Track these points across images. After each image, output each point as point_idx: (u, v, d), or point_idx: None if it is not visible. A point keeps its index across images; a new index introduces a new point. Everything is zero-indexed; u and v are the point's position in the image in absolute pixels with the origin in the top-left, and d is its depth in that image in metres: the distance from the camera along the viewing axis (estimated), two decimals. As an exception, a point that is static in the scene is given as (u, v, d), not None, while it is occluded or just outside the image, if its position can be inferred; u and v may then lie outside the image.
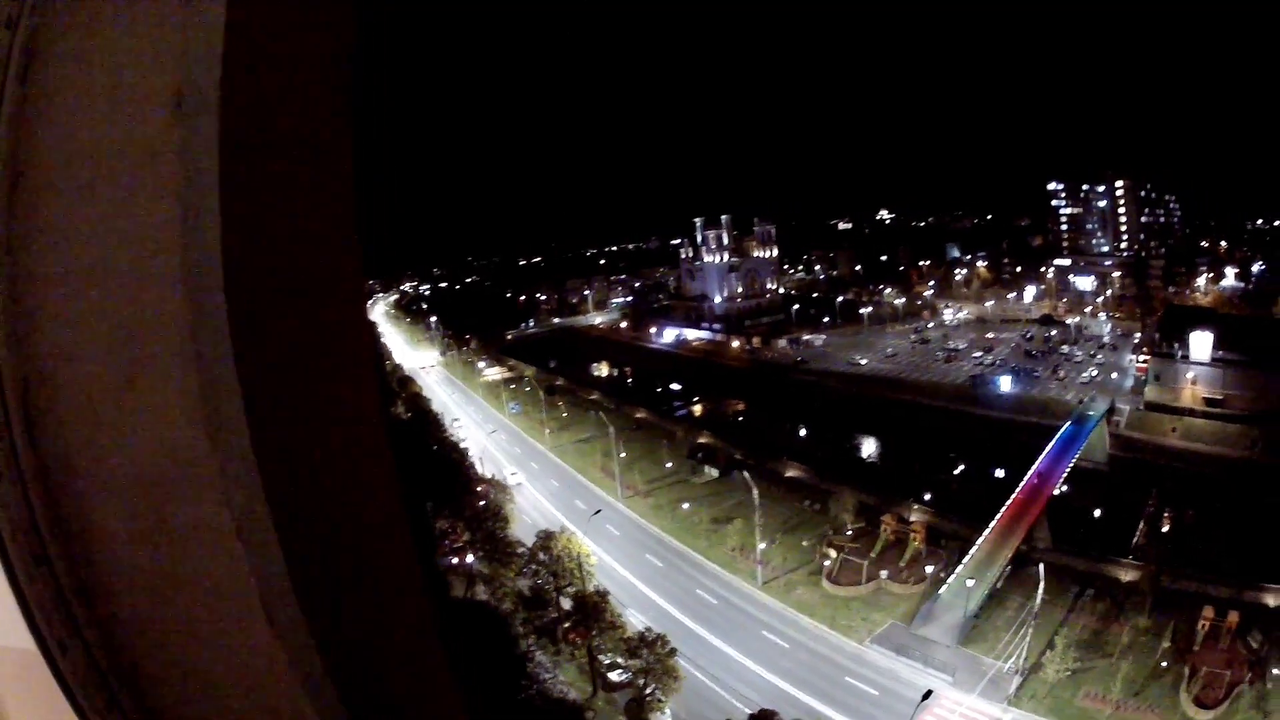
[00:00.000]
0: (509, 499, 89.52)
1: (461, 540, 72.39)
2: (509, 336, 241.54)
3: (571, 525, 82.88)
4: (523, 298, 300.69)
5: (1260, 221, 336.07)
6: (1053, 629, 67.15)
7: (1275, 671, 61.16)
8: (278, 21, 2.58)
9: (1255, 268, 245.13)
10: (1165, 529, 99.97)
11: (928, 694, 51.95)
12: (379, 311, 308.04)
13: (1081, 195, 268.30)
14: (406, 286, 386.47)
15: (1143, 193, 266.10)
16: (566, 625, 60.45)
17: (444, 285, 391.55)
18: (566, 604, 63.80)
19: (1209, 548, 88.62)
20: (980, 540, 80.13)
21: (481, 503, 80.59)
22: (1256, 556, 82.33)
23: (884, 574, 77.75)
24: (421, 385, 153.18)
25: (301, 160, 2.74)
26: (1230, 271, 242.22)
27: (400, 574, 3.19)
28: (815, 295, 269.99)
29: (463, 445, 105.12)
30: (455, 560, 71.74)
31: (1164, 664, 63.42)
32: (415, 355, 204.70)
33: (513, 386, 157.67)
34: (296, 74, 2.68)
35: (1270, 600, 72.31)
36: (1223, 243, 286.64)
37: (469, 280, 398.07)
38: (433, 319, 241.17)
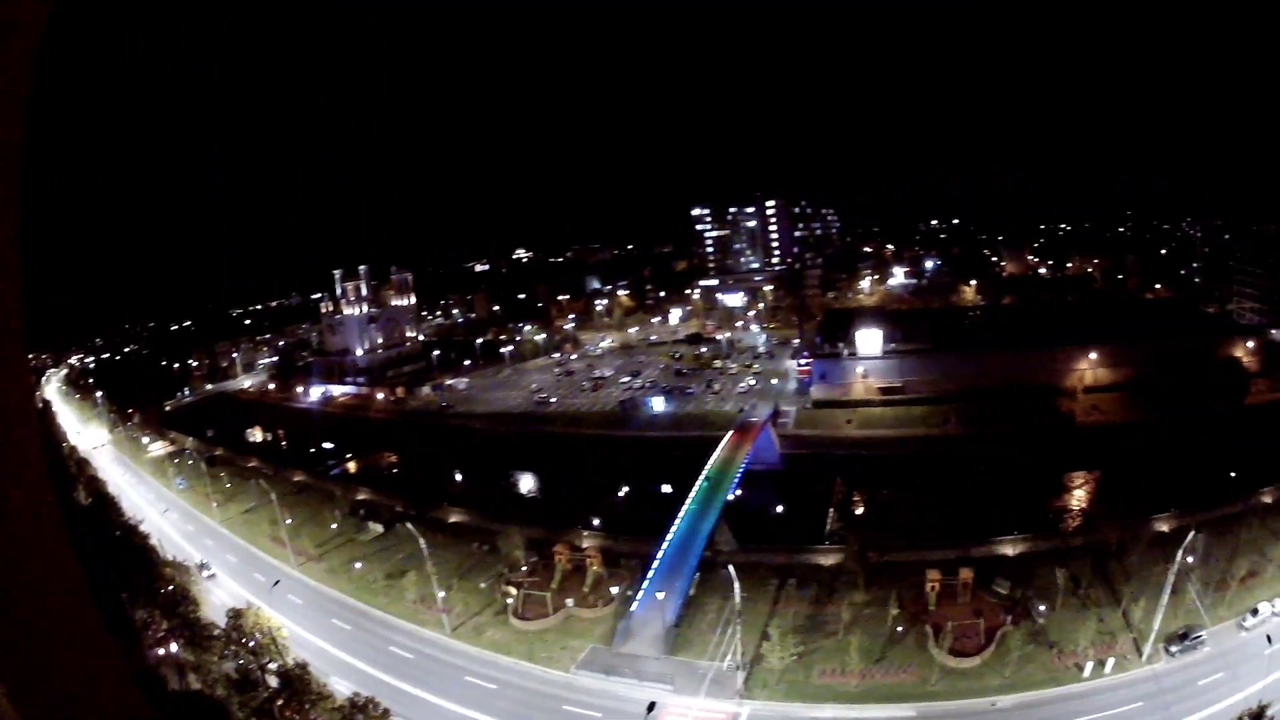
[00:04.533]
0: (194, 580, 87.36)
1: (162, 629, 70.82)
2: (168, 407, 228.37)
3: (256, 600, 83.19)
4: (177, 364, 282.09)
5: (935, 221, 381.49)
6: (763, 622, 71.42)
7: (1041, 607, 68.28)
8: None
9: (929, 264, 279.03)
10: (859, 511, 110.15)
11: (651, 706, 54.41)
12: (52, 389, 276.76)
13: (729, 218, 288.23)
14: (74, 360, 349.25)
15: (796, 209, 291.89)
16: (280, 703, 60.79)
17: (106, 356, 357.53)
18: (274, 681, 64.39)
19: (915, 519, 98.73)
20: (660, 554, 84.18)
21: (169, 587, 78.44)
22: (976, 516, 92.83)
23: (570, 602, 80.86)
24: (96, 468, 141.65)
25: None
26: (899, 271, 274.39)
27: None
28: (456, 339, 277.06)
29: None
30: (161, 651, 69.76)
31: (899, 629, 68.78)
32: (88, 434, 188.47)
33: (176, 461, 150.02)
34: None
35: (1009, 550, 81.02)
36: (889, 246, 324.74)
37: (128, 349, 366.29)
38: (99, 394, 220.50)
